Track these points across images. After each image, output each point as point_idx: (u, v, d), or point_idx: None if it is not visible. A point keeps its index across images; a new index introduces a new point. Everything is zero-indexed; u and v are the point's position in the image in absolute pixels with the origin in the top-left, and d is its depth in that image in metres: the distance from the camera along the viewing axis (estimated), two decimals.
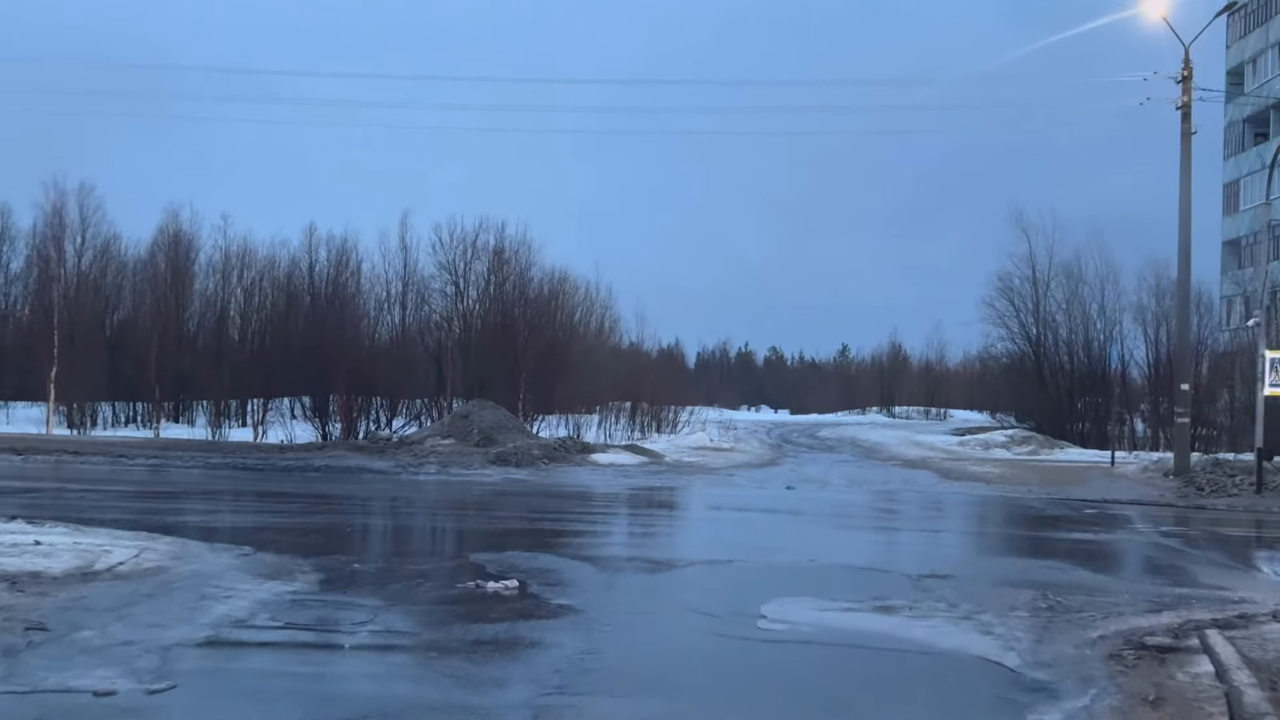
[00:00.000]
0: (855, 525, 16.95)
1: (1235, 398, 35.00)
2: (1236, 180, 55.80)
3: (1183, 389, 25.53)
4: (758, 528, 15.98)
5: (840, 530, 16.13)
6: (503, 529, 15.06)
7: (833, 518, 17.78)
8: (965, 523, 18.41)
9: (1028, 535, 16.44)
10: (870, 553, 13.57)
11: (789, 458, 31.99)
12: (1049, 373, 41.08)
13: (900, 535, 16.04)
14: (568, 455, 25.64)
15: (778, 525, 16.51)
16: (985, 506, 20.90)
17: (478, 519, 16.43)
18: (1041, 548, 14.71)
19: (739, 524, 16.27)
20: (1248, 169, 54.46)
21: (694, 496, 20.98)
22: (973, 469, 28.36)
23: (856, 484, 24.43)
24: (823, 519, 17.48)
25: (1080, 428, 39.75)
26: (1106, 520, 17.98)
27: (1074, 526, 16.89)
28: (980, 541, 16.17)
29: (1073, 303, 40.29)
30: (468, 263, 34.07)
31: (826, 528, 16.35)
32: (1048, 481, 25.56)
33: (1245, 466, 25.21)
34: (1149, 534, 16.32)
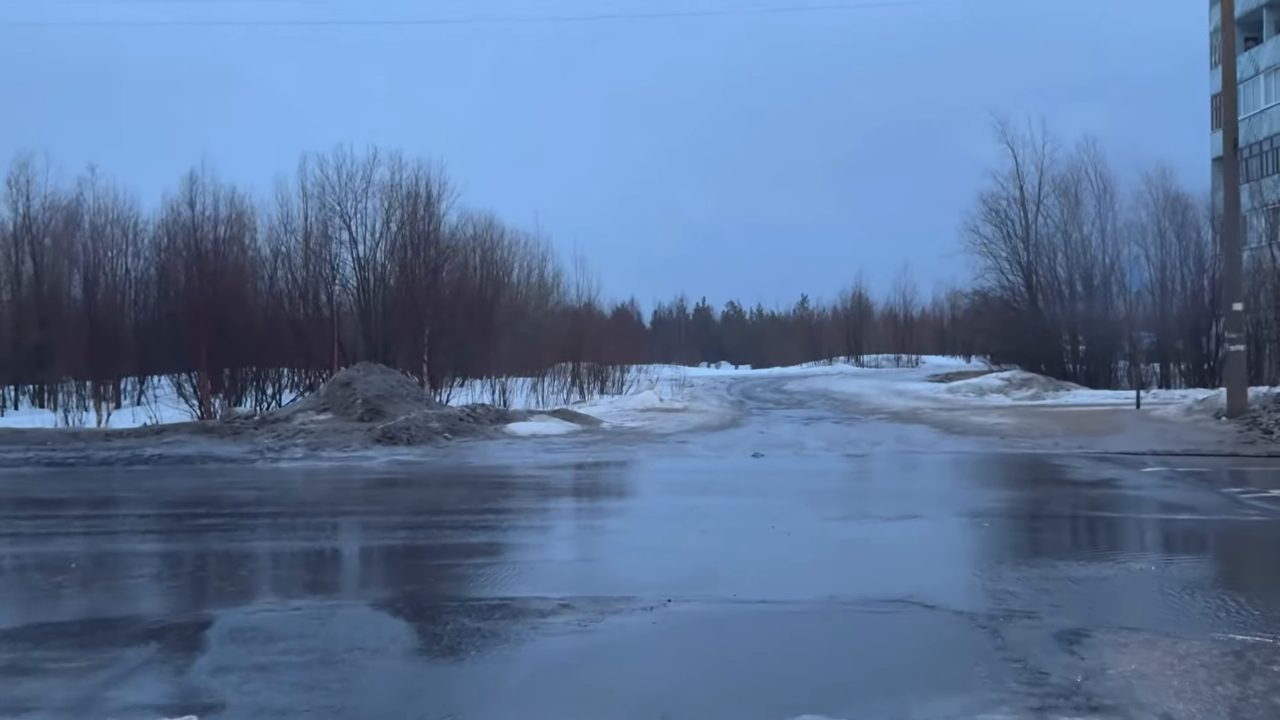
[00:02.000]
0: (854, 512, 11.88)
1: (1263, 323, 30.23)
2: None
3: (1235, 309, 20.63)
4: (714, 527, 10.86)
5: (837, 524, 11.06)
6: (315, 550, 9.95)
7: (819, 499, 12.73)
8: (1008, 500, 13.37)
9: (1121, 520, 11.46)
10: (897, 568, 8.50)
11: (753, 416, 26.92)
12: (1045, 305, 36.16)
13: (925, 526, 10.98)
14: (478, 427, 20.44)
15: (744, 520, 11.39)
16: (1016, 471, 15.95)
17: (294, 533, 11.18)
18: (1174, 542, 9.73)
19: (686, 520, 11.13)
20: (1239, 76, 49.64)
21: (628, 476, 15.91)
22: (976, 420, 23.41)
23: (839, 446, 19.40)
24: (805, 502, 12.42)
25: (1082, 367, 34.98)
26: (1199, 488, 13.06)
27: (1178, 508, 11.95)
28: (1056, 534, 11.10)
29: (1070, 225, 35.36)
30: (356, 201, 28.46)
31: (815, 519, 11.27)
32: (1074, 431, 20.64)
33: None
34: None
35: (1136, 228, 34.64)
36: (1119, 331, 33.79)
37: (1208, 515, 11.29)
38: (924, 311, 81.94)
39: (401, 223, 28.32)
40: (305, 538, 10.85)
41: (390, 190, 28.57)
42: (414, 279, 27.97)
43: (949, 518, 11.41)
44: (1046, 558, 8.99)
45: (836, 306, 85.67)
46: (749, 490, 14.02)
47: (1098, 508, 12.21)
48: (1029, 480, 15.01)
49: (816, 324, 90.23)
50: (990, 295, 39.10)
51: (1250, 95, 48.57)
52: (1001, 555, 9.26)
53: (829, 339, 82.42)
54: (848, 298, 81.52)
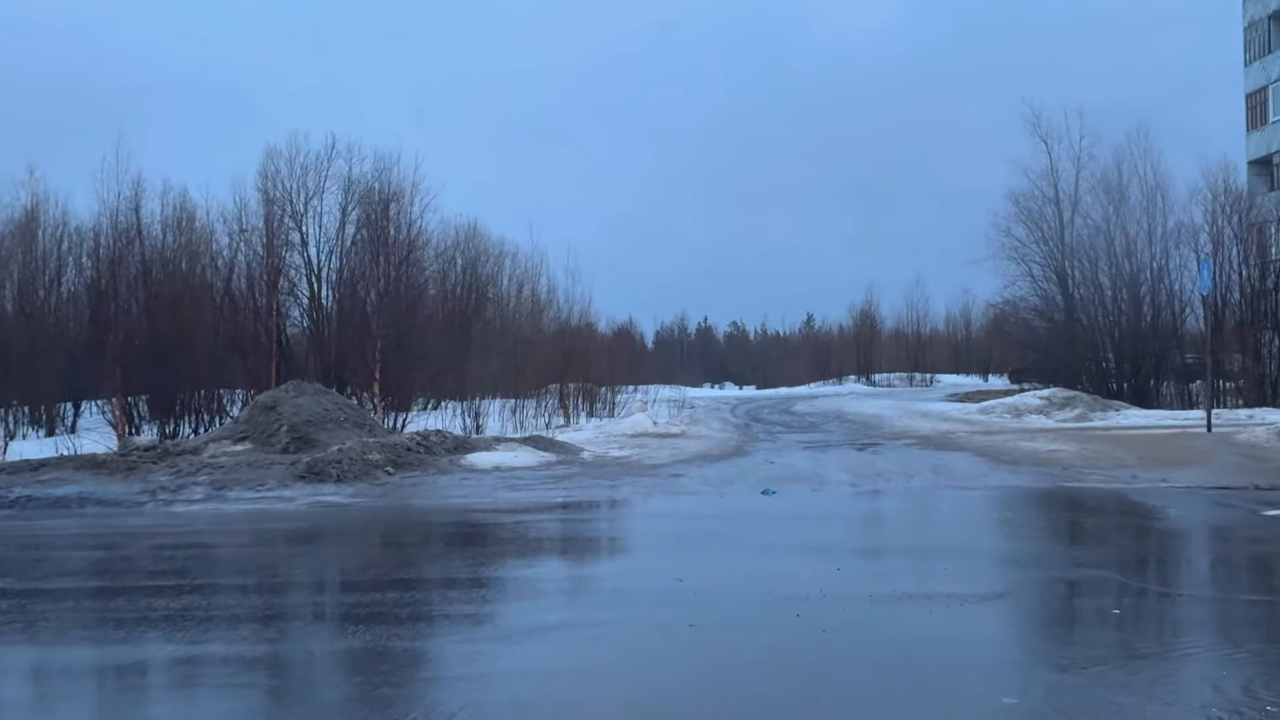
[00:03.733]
0: (909, 582, 8.29)
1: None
2: (1263, 88, 47.38)
3: None
4: (709, 618, 7.39)
5: (890, 607, 7.54)
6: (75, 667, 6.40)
7: (854, 559, 9.26)
8: (1116, 561, 9.79)
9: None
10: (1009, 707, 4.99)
11: (761, 442, 23.37)
12: (1085, 315, 32.53)
13: (1021, 610, 7.43)
14: (429, 458, 16.92)
15: (754, 601, 7.89)
16: (1102, 515, 12.41)
17: (80, 630, 7.65)
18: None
19: (669, 605, 7.65)
20: (1278, 73, 46.18)
21: (600, 526, 12.42)
22: (1025, 446, 19.86)
23: (866, 480, 15.88)
24: (836, 562, 8.92)
25: (1125, 385, 31.36)
26: None
27: None
28: (1228, 626, 7.53)
29: (1114, 226, 31.74)
30: (309, 196, 24.87)
31: (855, 594, 7.79)
32: (1148, 460, 17.11)
33: None
34: None
35: (1189, 229, 31.07)
36: (1169, 345, 30.23)
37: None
38: (935, 330, 78.63)
39: (361, 222, 24.77)
40: (90, 637, 7.31)
41: (347, 185, 25.05)
42: (374, 287, 24.39)
43: (1048, 592, 7.89)
44: (1255, 687, 5.45)
45: (844, 325, 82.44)
46: (759, 545, 10.49)
47: (1258, 576, 8.69)
48: (1127, 529, 11.46)
49: (824, 343, 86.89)
50: (1021, 305, 35.36)
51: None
52: (1167, 678, 5.72)
53: (837, 358, 79.04)
54: (856, 314, 78.11)
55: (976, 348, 72.30)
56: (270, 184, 25.15)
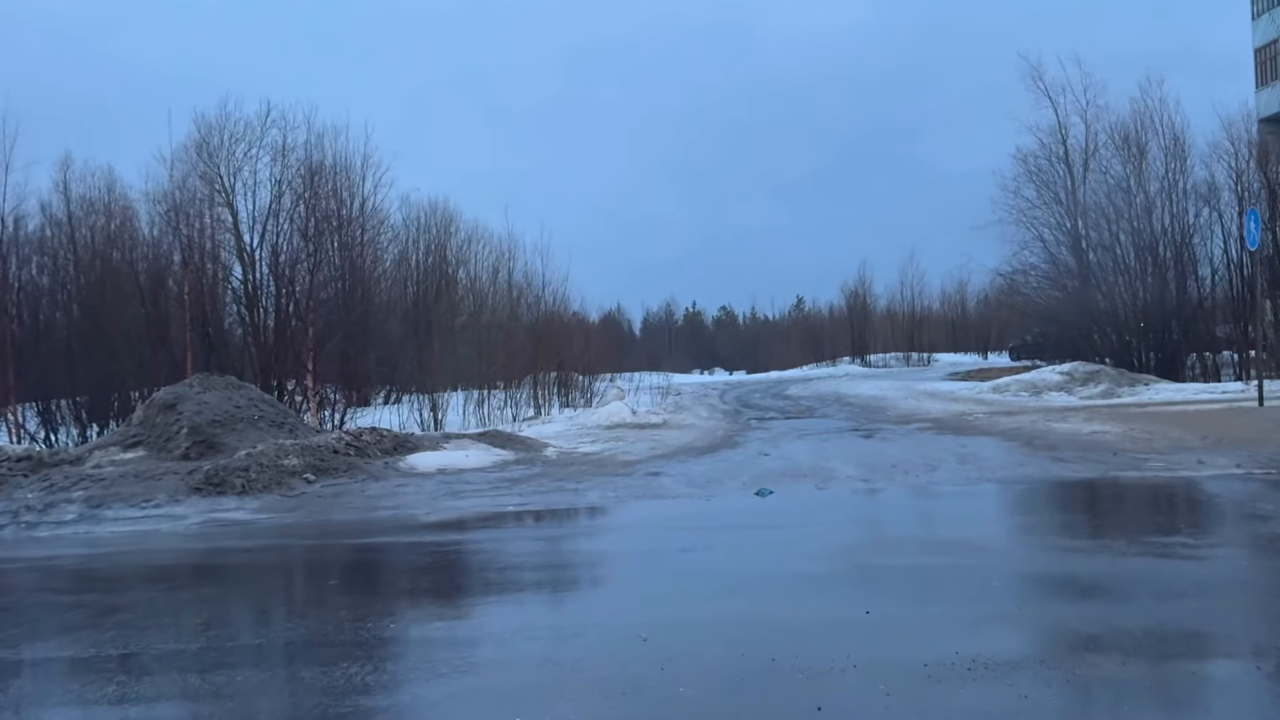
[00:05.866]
0: (1004, 660, 5.60)
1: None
2: (1273, 41, 44.90)
3: None
4: (690, 714, 4.70)
5: (970, 689, 4.87)
6: None
7: (889, 595, 6.62)
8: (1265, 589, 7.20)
9: None
10: None
11: (753, 431, 20.71)
12: (1102, 282, 29.84)
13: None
14: (361, 461, 14.25)
15: (754, 680, 5.25)
16: (1194, 513, 9.84)
17: None
18: None
19: (629, 709, 4.98)
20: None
21: (552, 546, 9.74)
22: (1060, 428, 17.23)
23: (879, 474, 13.25)
24: (862, 602, 6.28)
25: (1150, 357, 28.73)
26: None
27: None
28: None
29: (1134, 185, 29.04)
30: (237, 165, 22.01)
31: (922, 687, 5.13)
32: (1214, 442, 14.49)
33: None
34: None
35: (1209, 187, 28.42)
36: (1196, 313, 27.61)
37: None
38: (930, 308, 76.09)
39: (298, 197, 21.99)
40: None
41: (282, 154, 22.22)
42: (309, 266, 21.61)
43: (1191, 652, 5.25)
44: None
45: (835, 305, 79.88)
46: (755, 573, 7.84)
47: None
48: (1241, 539, 8.84)
49: (815, 324, 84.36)
50: (1032, 273, 32.60)
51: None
52: None
53: (830, 339, 76.50)
54: (848, 294, 75.41)
55: (975, 325, 69.89)
56: (198, 155, 22.36)
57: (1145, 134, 29.64)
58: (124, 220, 26.08)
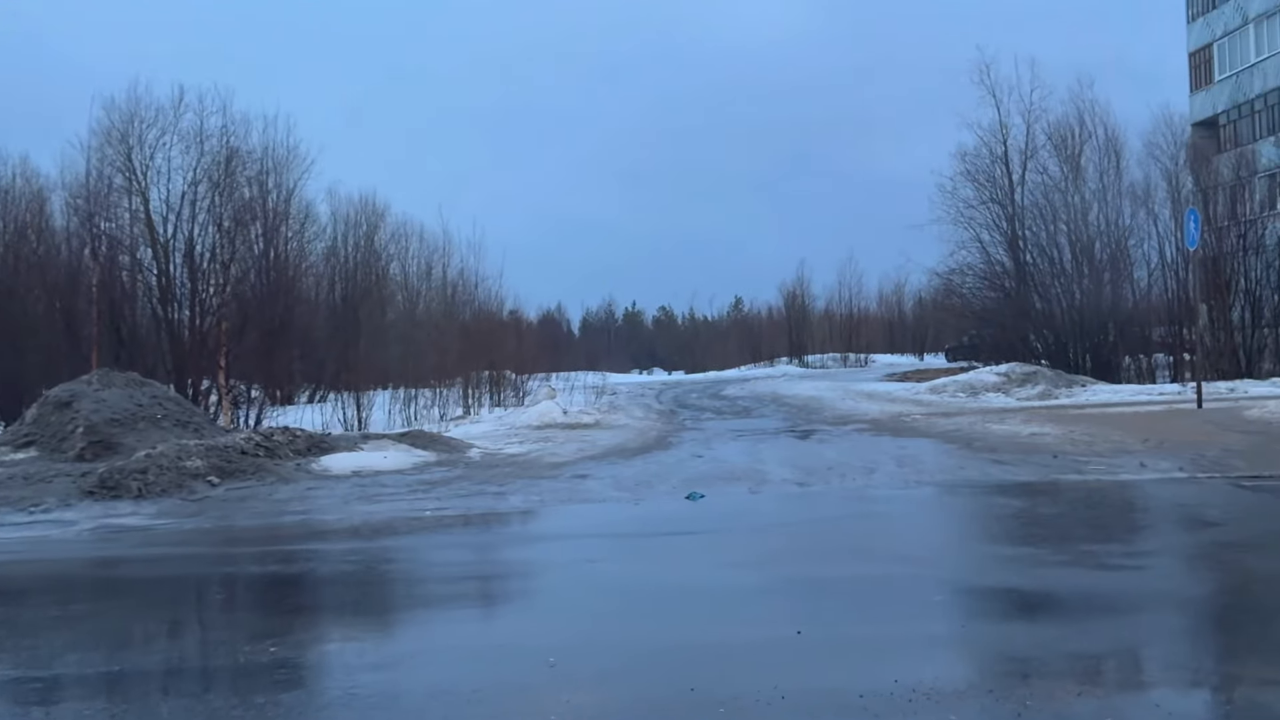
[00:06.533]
0: (947, 689, 5.03)
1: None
2: (1208, 45, 45.10)
3: None
4: None
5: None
6: None
7: (838, 626, 6.07)
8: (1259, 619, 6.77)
9: None
10: None
11: (687, 431, 20.17)
12: (1039, 283, 29.66)
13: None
14: (271, 463, 13.49)
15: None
16: (1156, 523, 9.45)
17: None
18: None
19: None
20: (1223, 29, 43.85)
21: (462, 559, 9.06)
22: (999, 429, 16.86)
23: (816, 476, 12.75)
24: (812, 640, 5.71)
25: (1086, 359, 28.58)
26: None
27: None
28: None
29: (1070, 187, 28.90)
30: (150, 152, 20.95)
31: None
32: (1155, 445, 14.16)
33: None
34: None
35: (1143, 189, 28.38)
36: (1132, 315, 27.52)
37: None
38: (868, 309, 76.07)
39: (216, 185, 20.97)
40: None
41: (199, 140, 21.21)
42: (224, 258, 20.65)
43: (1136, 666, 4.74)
44: None
45: (774, 306, 79.60)
46: (680, 586, 7.26)
47: None
48: (1183, 549, 8.43)
49: (754, 325, 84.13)
50: (969, 273, 32.36)
51: (1239, 48, 42.72)
52: None
53: (768, 340, 76.22)
54: (786, 295, 75.14)
55: (912, 326, 70.01)
56: (108, 142, 21.31)
57: (1083, 135, 29.58)
58: (37, 211, 25.00)
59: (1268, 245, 30.55)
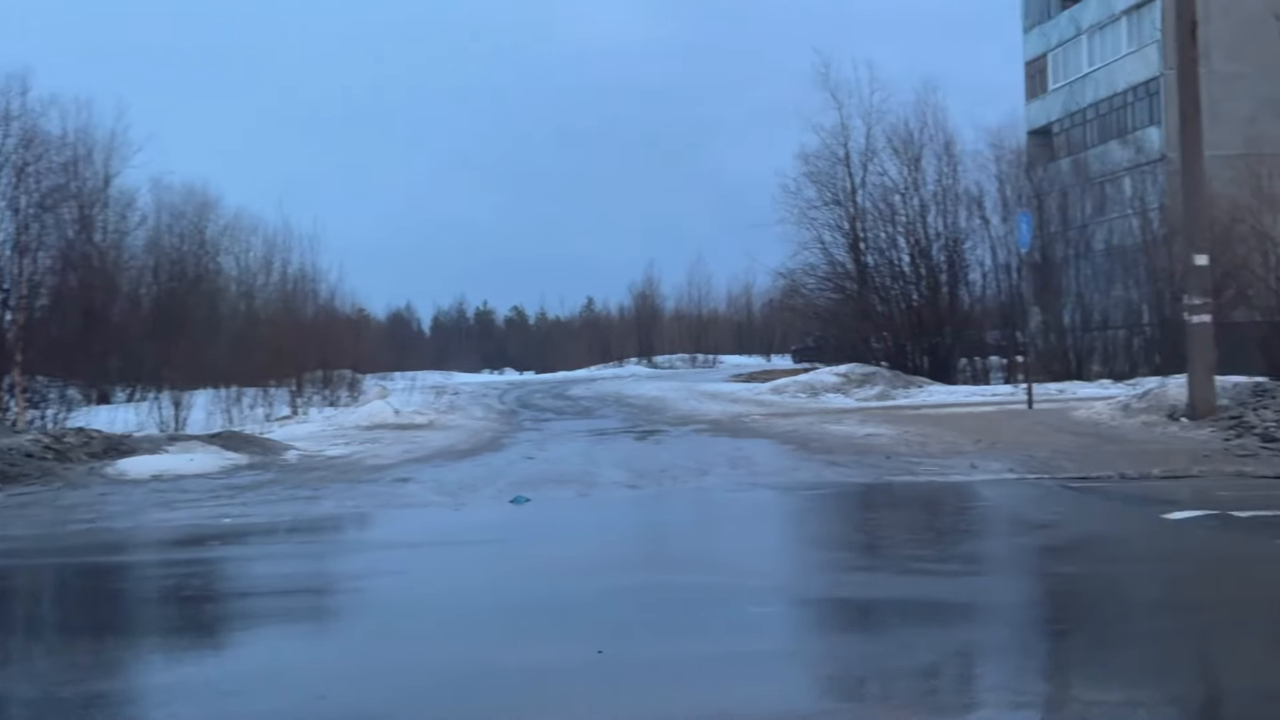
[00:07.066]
0: (752, 714, 4.58)
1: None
2: (1043, 55, 46.48)
3: (1198, 264, 14.50)
4: None
5: None
6: None
7: (645, 644, 5.54)
8: (1070, 618, 6.46)
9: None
10: None
11: (525, 432, 19.64)
12: (879, 285, 30.00)
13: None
14: (60, 466, 12.45)
15: None
16: (980, 525, 9.25)
17: None
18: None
19: None
20: (1057, 39, 45.24)
21: (252, 572, 8.29)
22: (836, 430, 16.74)
23: (649, 478, 12.35)
24: (615, 661, 5.17)
25: (923, 360, 28.99)
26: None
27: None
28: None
29: (907, 188, 29.28)
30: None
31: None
32: (987, 445, 14.15)
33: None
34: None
35: (975, 196, 28.96)
36: (968, 317, 28.02)
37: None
38: (717, 310, 76.63)
39: (16, 166, 19.35)
40: None
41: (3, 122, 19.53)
42: (24, 247, 19.16)
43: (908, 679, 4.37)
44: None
45: (625, 307, 79.56)
46: (483, 601, 6.70)
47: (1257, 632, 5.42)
48: (1011, 552, 8.23)
49: (604, 325, 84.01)
50: (812, 273, 32.50)
51: (1072, 58, 44.10)
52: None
53: (618, 340, 76.20)
54: (637, 296, 75.17)
55: (760, 327, 70.69)
56: None
57: (922, 139, 30.02)
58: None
59: (1096, 251, 31.51)
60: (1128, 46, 39.34)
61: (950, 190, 30.14)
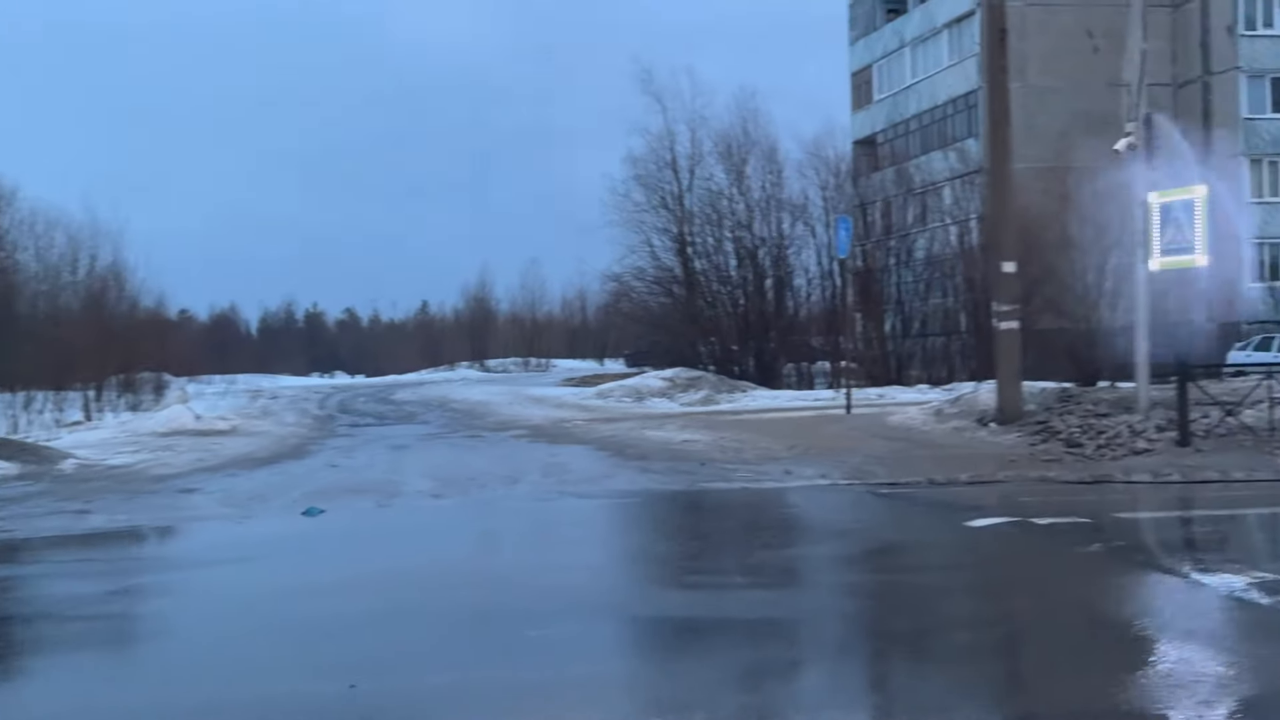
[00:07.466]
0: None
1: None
2: (868, 66, 47.45)
3: (1005, 270, 14.68)
4: None
5: None
6: None
7: (411, 678, 4.99)
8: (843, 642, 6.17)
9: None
10: None
11: (337, 438, 18.81)
12: (707, 289, 29.98)
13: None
14: None
15: None
16: (791, 545, 9.00)
17: None
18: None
19: None
20: (882, 51, 46.22)
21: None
22: (654, 435, 16.44)
23: (455, 487, 11.82)
24: (370, 697, 4.63)
25: (750, 365, 29.09)
26: (1134, 565, 6.46)
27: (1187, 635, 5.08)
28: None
29: (734, 193, 29.34)
30: None
31: None
32: (802, 451, 14.03)
33: (1113, 399, 14.93)
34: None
35: (801, 203, 29.24)
36: (792, 322, 28.23)
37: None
38: (552, 313, 76.17)
39: None
40: None
41: None
42: None
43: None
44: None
45: (460, 310, 78.43)
46: (245, 625, 6.08)
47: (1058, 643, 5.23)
48: (816, 560, 7.98)
49: (439, 328, 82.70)
50: (641, 277, 32.28)
51: (897, 70, 45.10)
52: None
53: (452, 344, 75.06)
54: (470, 299, 74.16)
55: (594, 331, 70.49)
56: None
57: (747, 145, 30.16)
58: None
59: (917, 259, 32.18)
60: (949, 59, 40.35)
61: (775, 197, 30.39)
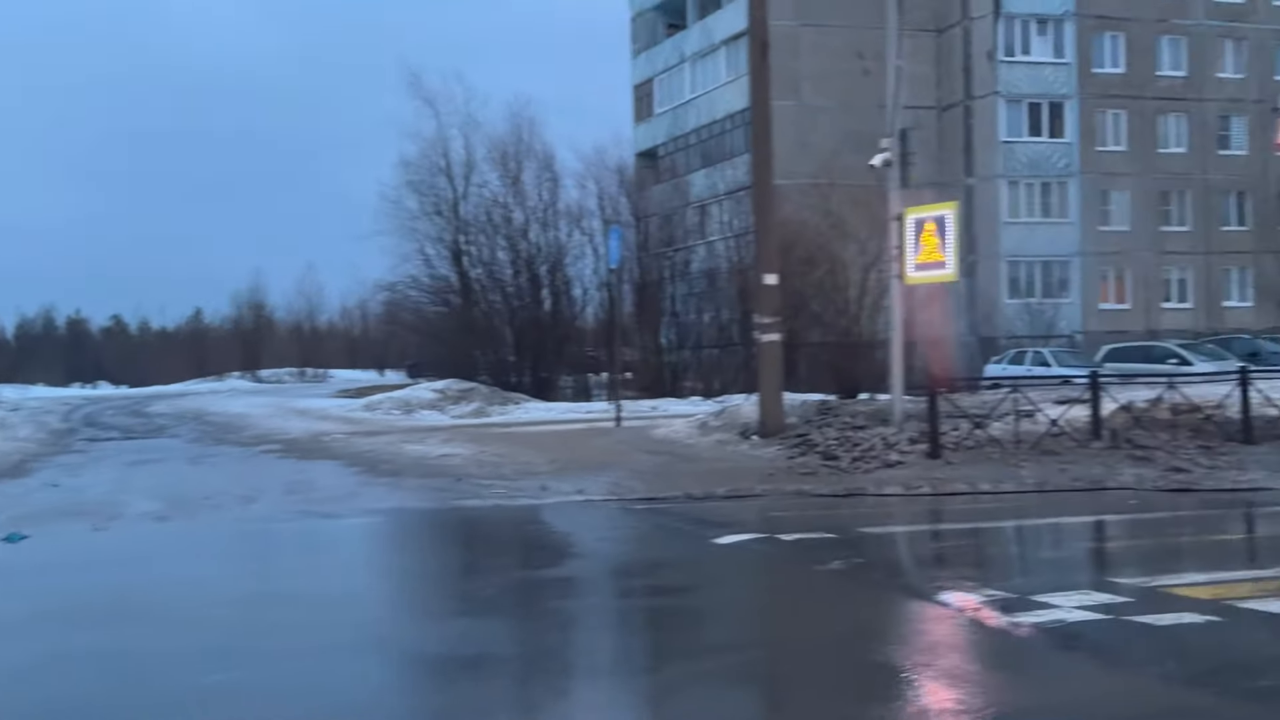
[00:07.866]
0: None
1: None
2: (649, 79, 47.82)
3: (767, 283, 14.68)
4: None
5: None
6: None
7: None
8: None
9: None
10: None
11: (69, 454, 17.42)
12: (482, 298, 29.36)
13: None
14: None
15: None
16: (524, 567, 8.59)
17: None
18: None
19: None
20: (663, 65, 46.66)
21: None
22: (412, 449, 15.80)
23: (183, 508, 10.97)
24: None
25: (525, 376, 28.65)
26: (882, 587, 6.35)
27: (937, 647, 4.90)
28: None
29: (512, 203, 28.90)
30: None
31: None
32: (564, 465, 13.72)
33: (870, 411, 15.16)
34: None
35: (581, 212, 29.07)
36: (569, 334, 27.96)
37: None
38: (331, 322, 73.98)
39: None
40: None
41: None
42: None
43: None
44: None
45: (232, 318, 75.22)
46: None
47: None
48: (544, 585, 7.57)
49: (211, 337, 79.16)
50: (415, 286, 31.39)
51: (675, 85, 45.54)
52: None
53: (224, 353, 71.93)
54: (243, 307, 71.16)
55: (374, 341, 68.86)
56: None
57: (522, 153, 29.80)
58: None
59: (694, 272, 32.44)
60: (726, 75, 40.96)
61: (553, 206, 30.12)
